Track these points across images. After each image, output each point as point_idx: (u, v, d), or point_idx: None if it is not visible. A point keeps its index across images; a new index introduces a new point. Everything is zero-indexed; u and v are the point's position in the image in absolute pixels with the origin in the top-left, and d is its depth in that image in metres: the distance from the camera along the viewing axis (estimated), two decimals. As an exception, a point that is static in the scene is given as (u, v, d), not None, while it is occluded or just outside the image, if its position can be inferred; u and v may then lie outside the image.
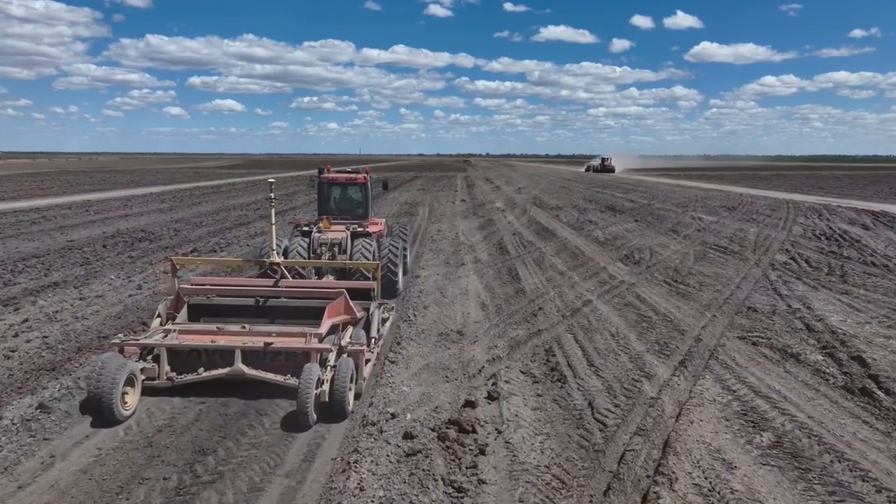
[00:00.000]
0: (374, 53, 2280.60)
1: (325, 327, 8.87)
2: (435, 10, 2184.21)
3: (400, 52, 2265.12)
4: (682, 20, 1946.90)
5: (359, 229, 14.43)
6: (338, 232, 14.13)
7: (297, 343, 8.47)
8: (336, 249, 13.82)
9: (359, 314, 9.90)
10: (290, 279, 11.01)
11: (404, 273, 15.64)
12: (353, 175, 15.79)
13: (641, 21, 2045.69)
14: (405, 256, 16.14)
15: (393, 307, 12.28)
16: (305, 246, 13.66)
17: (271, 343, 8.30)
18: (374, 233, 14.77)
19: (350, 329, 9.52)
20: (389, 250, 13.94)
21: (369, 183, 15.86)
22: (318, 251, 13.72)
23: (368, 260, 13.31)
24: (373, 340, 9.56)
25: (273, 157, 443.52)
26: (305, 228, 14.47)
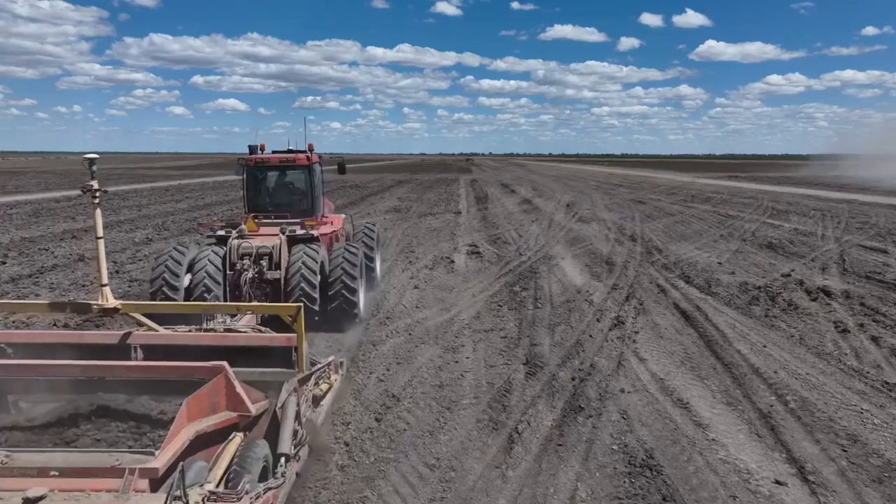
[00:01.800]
0: (379, 52, 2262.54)
1: (167, 455, 3.88)
2: (443, 7, 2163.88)
3: (406, 51, 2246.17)
4: (692, 19, 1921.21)
5: (299, 232, 10.41)
6: (267, 237, 10.23)
7: None
8: (265, 263, 9.95)
9: (255, 406, 4.71)
10: (147, 329, 5.89)
11: (371, 289, 12.13)
12: (290, 155, 11.35)
13: (650, 19, 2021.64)
14: (371, 267, 12.46)
15: (342, 363, 7.47)
16: (220, 259, 9.84)
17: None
18: (325, 235, 10.87)
19: (231, 448, 4.38)
20: (343, 258, 10.07)
21: (316, 165, 11.50)
22: (239, 266, 9.78)
23: (310, 277, 9.61)
24: (280, 463, 4.61)
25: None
26: (221, 233, 10.39)
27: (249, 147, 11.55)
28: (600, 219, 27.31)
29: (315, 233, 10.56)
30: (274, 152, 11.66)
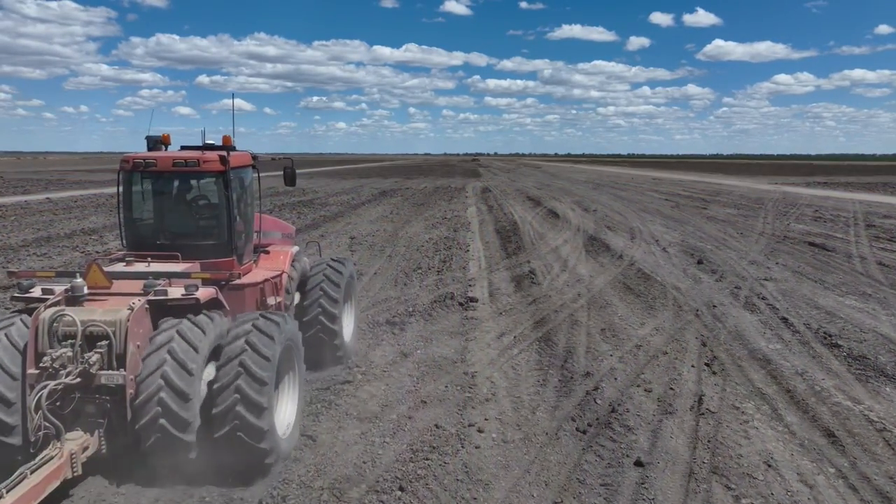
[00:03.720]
0: (386, 52, 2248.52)
1: None
2: (452, 6, 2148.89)
3: (413, 51, 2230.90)
4: (703, 18, 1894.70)
5: (174, 293, 5.61)
6: (116, 301, 5.55)
7: None
8: (98, 354, 5.16)
9: None
10: None
11: (334, 363, 8.16)
12: (193, 155, 6.66)
13: (661, 18, 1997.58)
14: (332, 332, 7.91)
15: None
16: (20, 345, 5.27)
17: None
18: (251, 287, 6.79)
19: None
20: (321, 291, 7.84)
21: (239, 171, 7.03)
22: (48, 361, 5.00)
23: (179, 386, 5.07)
24: None
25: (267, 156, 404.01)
26: (38, 292, 5.70)
27: (147, 140, 7.12)
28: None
29: (200, 295, 5.60)
30: (183, 148, 7.14)
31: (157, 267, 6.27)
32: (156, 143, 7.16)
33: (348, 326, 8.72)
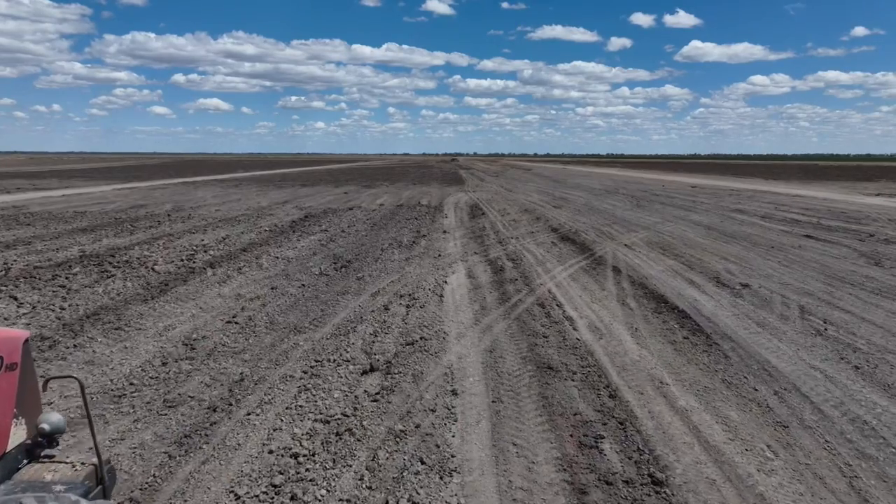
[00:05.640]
0: (367, 51, 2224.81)
1: None
2: (434, 6, 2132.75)
3: (394, 51, 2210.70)
4: (684, 19, 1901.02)
5: None
6: None
7: None
8: None
9: None
10: None
11: None
12: None
13: (642, 19, 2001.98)
14: None
15: None
16: None
17: None
18: None
19: None
20: None
21: None
22: None
23: None
24: None
25: (243, 157, 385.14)
26: None
27: None
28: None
29: None
30: None
31: None
32: None
33: None
